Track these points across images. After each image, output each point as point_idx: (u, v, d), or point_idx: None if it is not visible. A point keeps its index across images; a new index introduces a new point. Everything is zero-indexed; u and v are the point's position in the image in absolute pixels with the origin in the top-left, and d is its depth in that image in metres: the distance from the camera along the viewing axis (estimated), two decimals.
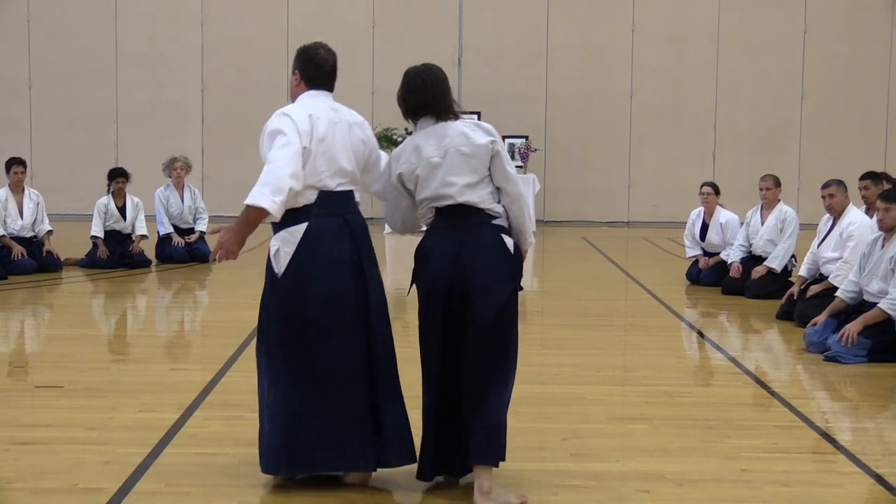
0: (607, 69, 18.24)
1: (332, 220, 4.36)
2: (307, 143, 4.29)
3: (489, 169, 4.32)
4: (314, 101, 4.45)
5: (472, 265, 4.25)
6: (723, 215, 10.91)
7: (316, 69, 4.53)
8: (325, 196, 4.37)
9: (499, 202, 4.35)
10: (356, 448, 4.33)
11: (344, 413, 4.32)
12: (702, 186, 11.15)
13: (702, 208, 11.10)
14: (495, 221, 4.32)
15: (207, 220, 12.47)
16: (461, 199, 4.28)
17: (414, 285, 4.46)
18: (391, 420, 4.42)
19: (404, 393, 4.53)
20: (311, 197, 4.35)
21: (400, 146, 4.49)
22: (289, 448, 4.30)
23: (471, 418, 4.26)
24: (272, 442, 4.33)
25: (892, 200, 7.25)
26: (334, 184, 4.38)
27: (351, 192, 4.46)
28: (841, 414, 6.03)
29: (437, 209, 4.35)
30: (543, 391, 6.16)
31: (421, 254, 4.40)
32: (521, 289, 4.40)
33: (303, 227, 4.34)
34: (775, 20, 18.25)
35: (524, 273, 4.57)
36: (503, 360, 4.29)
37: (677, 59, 18.27)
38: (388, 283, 11.31)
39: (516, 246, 4.37)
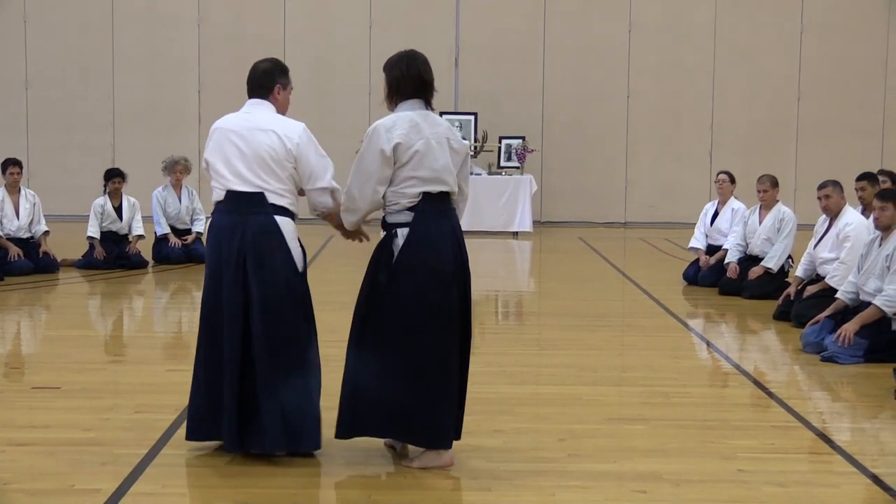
0: (604, 70, 18.23)
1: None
2: None
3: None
4: None
5: (463, 247, 4.68)
6: (735, 203, 11.05)
7: None
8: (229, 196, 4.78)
9: None
10: (225, 427, 4.68)
11: (220, 395, 4.70)
12: (718, 174, 11.39)
13: (716, 199, 11.28)
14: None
15: (205, 220, 12.46)
16: (453, 188, 4.66)
17: (389, 271, 4.59)
18: (264, 410, 4.63)
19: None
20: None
21: (388, 118, 4.62)
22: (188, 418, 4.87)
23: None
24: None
25: (888, 199, 7.26)
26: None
27: (252, 193, 4.72)
28: (838, 414, 6.04)
29: (427, 193, 4.56)
30: (540, 392, 6.17)
31: (420, 238, 4.55)
32: None
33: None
34: (772, 21, 18.25)
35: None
36: None
37: (674, 59, 18.27)
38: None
39: None
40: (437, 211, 4.59)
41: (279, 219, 4.72)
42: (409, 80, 4.66)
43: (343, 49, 17.81)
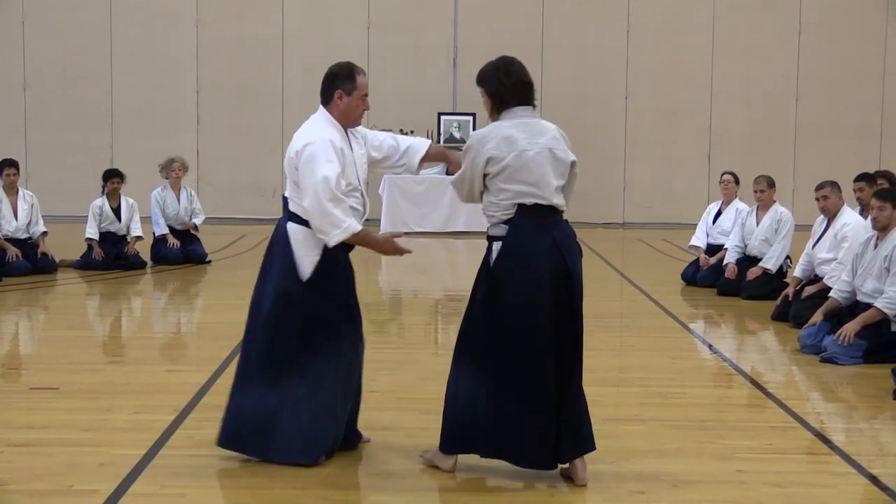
0: (602, 70, 18.25)
1: None
2: None
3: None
4: None
5: (570, 261, 4.46)
6: (739, 204, 11.06)
7: None
8: None
9: None
10: None
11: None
12: (722, 175, 11.35)
13: (720, 200, 11.30)
14: (566, 219, 4.60)
15: (204, 218, 12.46)
16: (551, 201, 4.48)
17: (486, 284, 4.48)
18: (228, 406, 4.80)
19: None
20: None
21: (485, 130, 4.52)
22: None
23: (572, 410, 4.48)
24: None
25: (886, 199, 7.27)
26: None
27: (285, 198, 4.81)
28: (836, 415, 6.04)
29: (522, 206, 4.44)
30: None
31: (513, 252, 4.42)
32: None
33: None
34: (770, 21, 18.27)
35: None
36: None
37: (673, 60, 18.28)
38: (384, 285, 11.33)
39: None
40: (533, 224, 4.44)
41: (290, 225, 4.70)
42: (510, 89, 4.53)
43: (341, 50, 17.76)
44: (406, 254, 4.82)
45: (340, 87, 4.79)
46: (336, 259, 4.72)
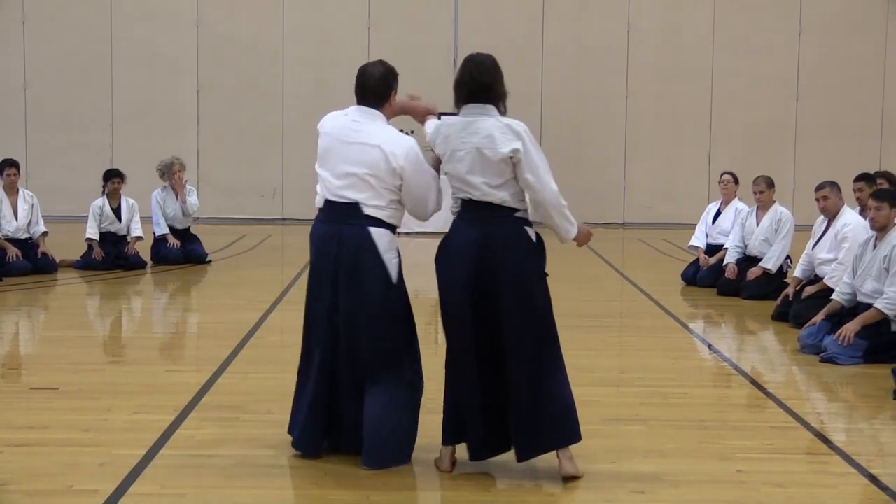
0: (603, 70, 18.24)
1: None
2: None
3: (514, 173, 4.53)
4: None
5: (499, 259, 4.46)
6: (739, 204, 11.06)
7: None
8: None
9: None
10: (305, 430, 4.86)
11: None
12: (722, 175, 11.34)
13: (720, 200, 11.31)
14: (518, 214, 4.55)
15: (197, 201, 12.28)
16: (485, 198, 4.52)
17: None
18: (346, 422, 4.80)
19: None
20: None
21: (434, 128, 4.76)
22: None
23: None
24: None
25: (884, 199, 7.27)
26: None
27: (348, 204, 4.71)
28: (836, 415, 6.04)
29: (463, 200, 4.59)
30: None
31: (444, 246, 4.61)
32: (547, 275, 4.63)
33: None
34: (771, 21, 18.26)
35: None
36: (544, 348, 4.51)
37: (673, 60, 18.28)
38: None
39: (538, 235, 4.61)
40: (467, 219, 4.57)
41: (374, 230, 4.65)
42: (461, 86, 4.64)
43: (341, 50, 17.79)
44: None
45: (395, 88, 4.87)
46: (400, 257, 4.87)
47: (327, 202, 4.71)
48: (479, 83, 4.60)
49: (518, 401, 4.48)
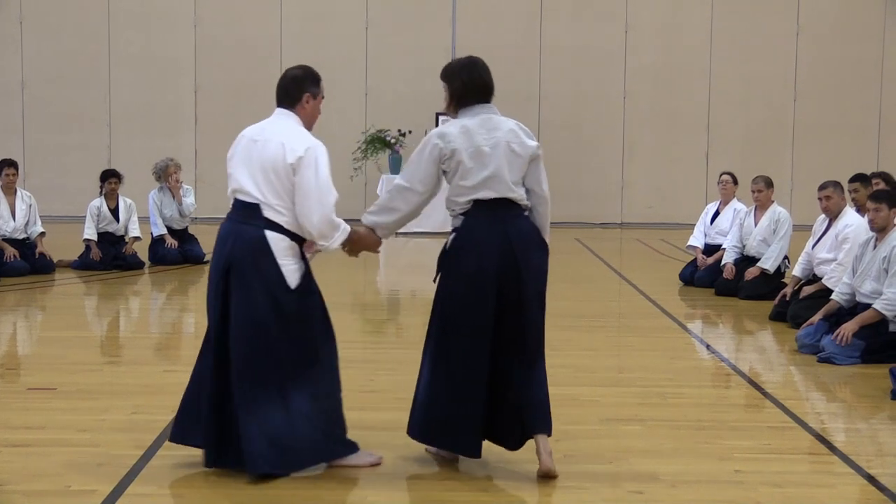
0: (601, 70, 18.25)
1: None
2: None
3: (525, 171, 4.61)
4: None
5: (522, 255, 4.52)
6: (737, 204, 11.07)
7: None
8: None
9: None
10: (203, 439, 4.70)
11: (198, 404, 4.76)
12: (721, 175, 11.35)
13: (718, 200, 11.32)
14: (526, 213, 4.66)
15: (194, 202, 12.28)
16: (504, 195, 4.54)
17: (440, 274, 4.64)
18: (242, 432, 4.55)
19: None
20: None
21: (443, 126, 4.65)
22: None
23: (523, 397, 4.55)
24: None
25: (882, 200, 7.27)
26: None
27: (250, 204, 4.63)
28: (834, 415, 6.04)
29: (477, 201, 4.54)
30: None
31: (464, 244, 4.55)
32: None
33: None
34: (768, 22, 18.27)
35: None
36: (542, 336, 4.67)
37: (671, 60, 18.29)
38: (382, 285, 11.31)
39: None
40: (487, 217, 4.54)
41: (269, 234, 4.55)
42: (472, 88, 4.66)
43: (340, 50, 17.80)
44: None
45: (309, 91, 4.77)
46: (307, 264, 4.73)
47: (234, 201, 4.67)
48: (489, 85, 4.70)
49: (520, 390, 4.54)
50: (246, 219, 4.59)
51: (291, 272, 4.59)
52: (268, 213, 4.57)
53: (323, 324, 4.71)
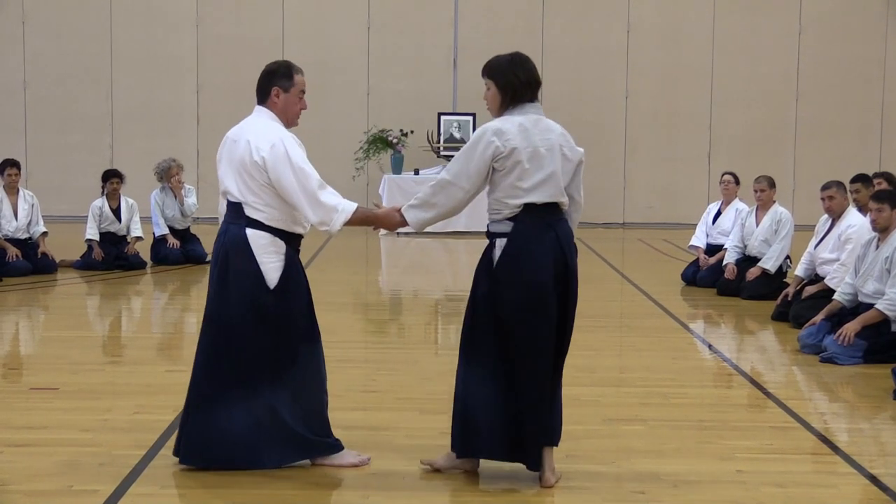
0: (603, 70, 18.24)
1: None
2: None
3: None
4: None
5: (571, 261, 4.49)
6: (739, 204, 11.05)
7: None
8: None
9: None
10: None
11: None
12: (723, 175, 11.35)
13: (720, 200, 11.30)
14: (565, 218, 4.57)
15: (196, 202, 12.28)
16: (553, 199, 4.45)
17: (488, 283, 4.44)
18: (187, 421, 4.69)
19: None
20: None
21: (497, 122, 4.44)
22: None
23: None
24: None
25: (884, 200, 7.26)
26: None
27: (234, 203, 4.64)
28: (836, 415, 6.04)
29: (529, 204, 4.39)
30: None
31: (520, 251, 4.37)
32: None
33: None
34: (770, 22, 18.26)
35: None
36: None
37: (673, 60, 18.27)
38: (384, 285, 11.30)
39: None
40: (539, 222, 4.40)
41: (250, 231, 4.55)
42: (525, 84, 4.52)
43: (341, 50, 17.80)
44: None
45: (277, 85, 4.75)
46: (295, 262, 4.67)
47: (226, 201, 4.70)
48: (540, 83, 4.60)
49: (551, 398, 4.49)
50: (233, 218, 4.64)
51: (271, 270, 4.57)
52: (248, 212, 4.59)
53: (306, 323, 4.68)
